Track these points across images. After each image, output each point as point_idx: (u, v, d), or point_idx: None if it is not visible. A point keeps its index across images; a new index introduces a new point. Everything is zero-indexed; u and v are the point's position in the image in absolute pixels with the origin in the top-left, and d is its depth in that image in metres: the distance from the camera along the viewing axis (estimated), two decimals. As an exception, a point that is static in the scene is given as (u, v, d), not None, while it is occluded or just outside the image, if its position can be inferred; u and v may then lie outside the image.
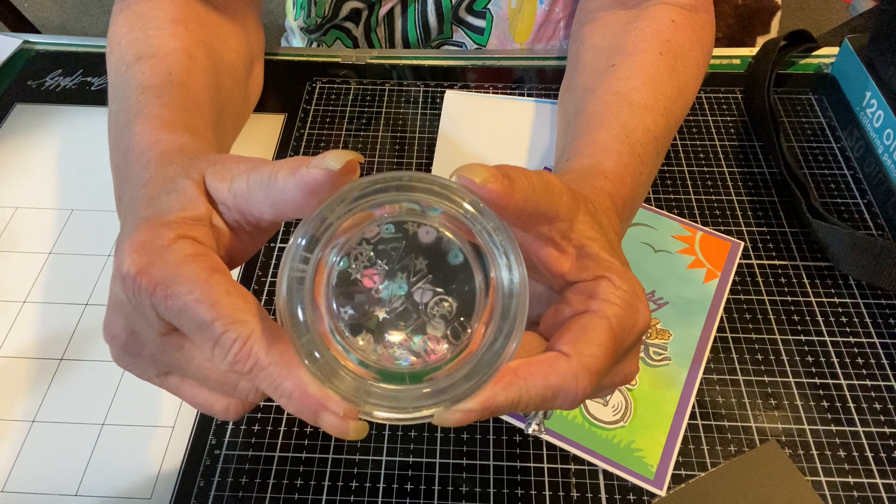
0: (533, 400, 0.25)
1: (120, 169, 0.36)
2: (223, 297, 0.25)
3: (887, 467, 0.40)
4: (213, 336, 0.25)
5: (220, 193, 0.28)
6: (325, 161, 0.25)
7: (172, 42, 0.42)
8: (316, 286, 0.25)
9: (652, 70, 0.44)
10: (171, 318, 0.25)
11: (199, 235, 0.27)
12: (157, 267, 0.25)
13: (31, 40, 0.67)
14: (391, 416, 0.25)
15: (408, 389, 0.25)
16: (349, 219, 0.25)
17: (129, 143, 0.35)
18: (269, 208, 0.27)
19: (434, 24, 0.69)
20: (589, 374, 0.26)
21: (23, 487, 0.40)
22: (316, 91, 0.62)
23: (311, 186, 0.25)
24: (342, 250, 0.26)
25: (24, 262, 0.50)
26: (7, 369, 0.45)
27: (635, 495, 0.39)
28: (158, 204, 0.28)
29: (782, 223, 0.53)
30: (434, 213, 0.26)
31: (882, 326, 0.47)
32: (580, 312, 0.28)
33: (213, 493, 0.40)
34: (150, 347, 0.28)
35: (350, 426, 0.25)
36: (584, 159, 0.38)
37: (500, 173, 0.26)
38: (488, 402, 0.25)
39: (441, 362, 0.26)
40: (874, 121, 0.56)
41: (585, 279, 0.28)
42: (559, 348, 0.27)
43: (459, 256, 0.26)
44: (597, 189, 0.35)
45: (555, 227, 0.28)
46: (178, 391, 0.30)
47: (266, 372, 0.25)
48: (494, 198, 0.25)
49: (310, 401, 0.25)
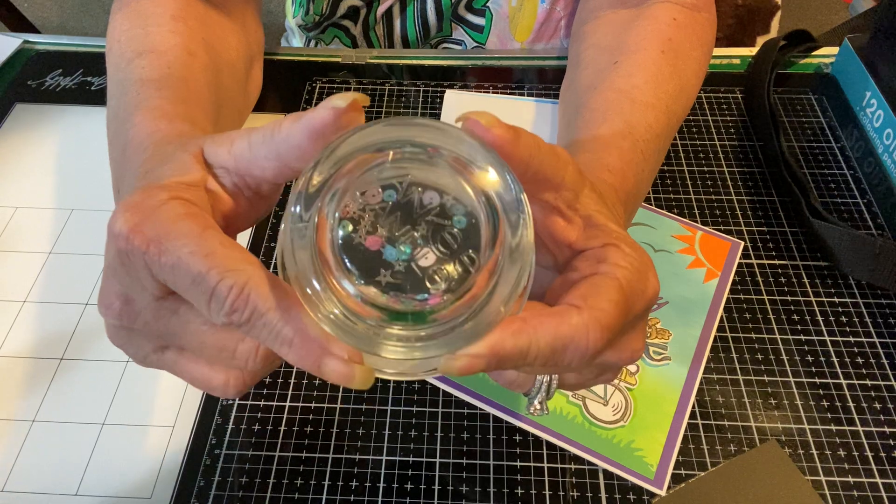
0: (542, 351, 0.24)
1: (119, 161, 0.36)
2: (217, 247, 0.24)
3: (887, 467, 0.40)
4: (209, 286, 0.24)
5: (220, 157, 0.28)
6: (331, 102, 0.25)
7: (172, 38, 0.42)
8: (319, 232, 0.24)
9: (654, 68, 0.44)
10: (166, 275, 0.25)
11: (193, 197, 0.26)
12: (149, 224, 0.25)
13: (31, 40, 0.67)
14: (396, 359, 0.24)
15: (411, 328, 0.24)
16: (352, 162, 0.25)
17: (128, 134, 0.35)
18: (273, 162, 0.26)
19: (433, 22, 0.69)
20: (600, 327, 0.25)
21: (23, 487, 0.40)
22: (316, 91, 0.62)
23: (317, 127, 0.25)
24: (345, 195, 0.25)
25: (24, 262, 0.50)
26: (7, 369, 0.45)
27: (635, 495, 0.39)
28: (153, 175, 0.28)
29: (782, 223, 0.53)
30: (440, 158, 0.25)
31: (882, 326, 0.47)
32: (589, 275, 0.27)
33: (213, 493, 0.40)
34: (144, 314, 0.27)
35: (356, 371, 0.24)
36: (587, 154, 0.38)
37: (507, 124, 0.26)
38: (496, 347, 0.24)
39: (445, 303, 0.24)
40: (874, 121, 0.56)
41: (594, 246, 0.28)
42: (570, 302, 0.26)
43: (466, 209, 0.25)
44: (600, 181, 0.35)
45: (560, 195, 0.28)
46: (175, 366, 0.29)
47: (265, 319, 0.24)
48: (500, 143, 0.25)
49: (311, 345, 0.24)
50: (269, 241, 0.52)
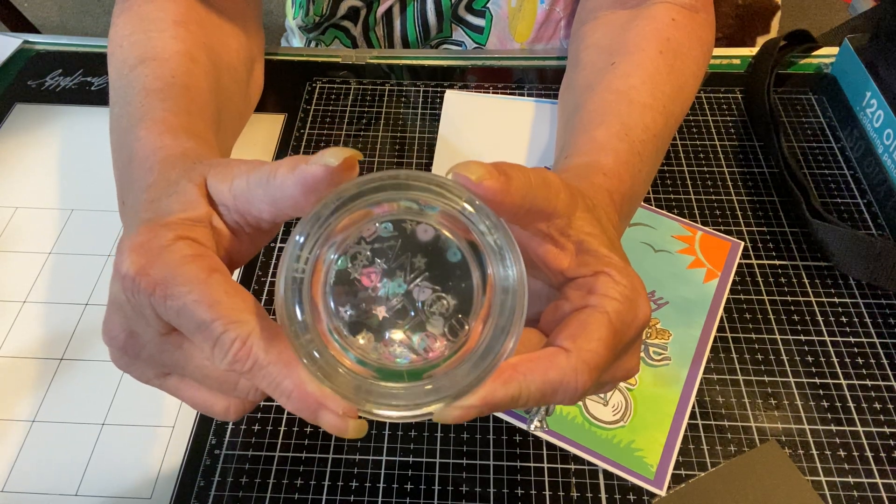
0: (533, 395, 0.25)
1: (123, 173, 0.36)
2: (222, 296, 0.25)
3: (887, 467, 0.40)
4: (213, 336, 0.25)
5: (221, 194, 0.28)
6: (323, 158, 0.25)
7: (174, 44, 0.42)
8: (314, 285, 0.25)
9: (651, 68, 0.44)
10: (170, 318, 0.25)
11: (199, 236, 0.27)
12: (155, 267, 0.25)
13: (31, 40, 0.67)
14: (391, 415, 0.25)
15: (407, 387, 0.25)
16: (346, 217, 0.25)
17: (132, 147, 0.35)
18: (269, 206, 0.27)
19: (433, 23, 0.69)
20: (589, 369, 0.26)
21: (23, 487, 0.40)
22: (316, 91, 0.62)
23: (310, 183, 0.25)
24: (340, 249, 0.26)
25: (24, 262, 0.50)
26: (7, 369, 0.45)
27: (635, 495, 0.39)
28: (159, 206, 0.29)
29: (782, 223, 0.53)
30: (432, 212, 0.26)
31: (882, 326, 0.47)
32: (580, 308, 0.28)
33: (213, 493, 0.40)
34: (149, 348, 0.28)
35: (349, 424, 0.25)
36: (583, 156, 0.39)
37: (497, 170, 0.26)
38: (488, 398, 0.25)
39: (439, 359, 0.26)
40: (874, 121, 0.56)
41: (585, 275, 0.28)
42: (559, 343, 0.26)
43: (457, 254, 0.26)
44: (595, 186, 0.35)
45: (553, 223, 0.28)
46: (177, 392, 0.30)
47: (265, 371, 0.25)
48: (491, 195, 0.25)
49: (309, 399, 0.25)
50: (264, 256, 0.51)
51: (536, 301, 0.31)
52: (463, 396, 0.25)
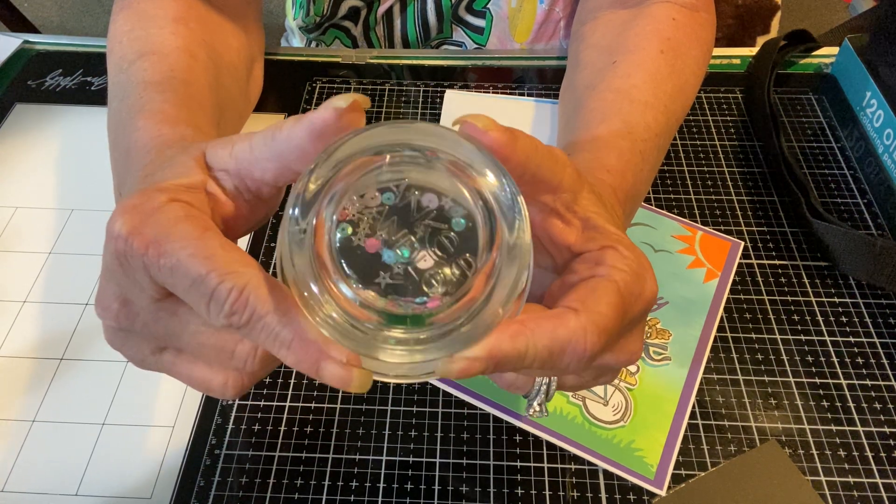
0: (540, 353, 0.25)
1: (121, 164, 0.36)
2: (217, 249, 0.24)
3: (887, 467, 0.40)
4: (208, 289, 0.24)
5: (221, 159, 0.28)
6: (331, 103, 0.25)
7: (174, 40, 0.42)
8: (318, 235, 0.24)
9: (652, 68, 0.44)
10: (165, 278, 0.25)
11: (193, 200, 0.26)
12: (148, 226, 0.25)
13: (31, 40, 0.67)
14: (394, 362, 0.24)
15: (410, 332, 0.24)
16: (350, 164, 0.25)
17: (131, 138, 0.35)
18: (273, 163, 0.26)
19: (433, 23, 0.69)
20: (598, 331, 0.25)
21: (23, 487, 0.40)
22: (316, 91, 0.62)
23: (318, 127, 0.25)
24: (344, 198, 0.25)
25: (24, 262, 0.50)
26: (7, 369, 0.45)
27: (635, 495, 0.39)
28: (153, 178, 0.28)
29: (782, 223, 0.53)
30: (438, 161, 0.25)
31: (882, 326, 0.47)
32: (587, 278, 0.27)
33: (213, 493, 0.40)
34: (142, 316, 0.27)
35: (354, 374, 0.24)
36: (586, 154, 0.38)
37: (504, 127, 0.25)
38: (494, 350, 0.24)
39: (442, 307, 0.25)
40: (874, 121, 0.56)
41: (591, 249, 0.28)
42: (567, 305, 0.26)
43: (464, 212, 0.25)
44: (599, 181, 0.35)
45: (559, 197, 0.28)
46: (173, 368, 0.29)
47: (264, 321, 0.24)
48: (496, 146, 0.25)
49: (310, 348, 0.24)
50: (269, 242, 0.51)
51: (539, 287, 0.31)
52: (468, 346, 0.24)
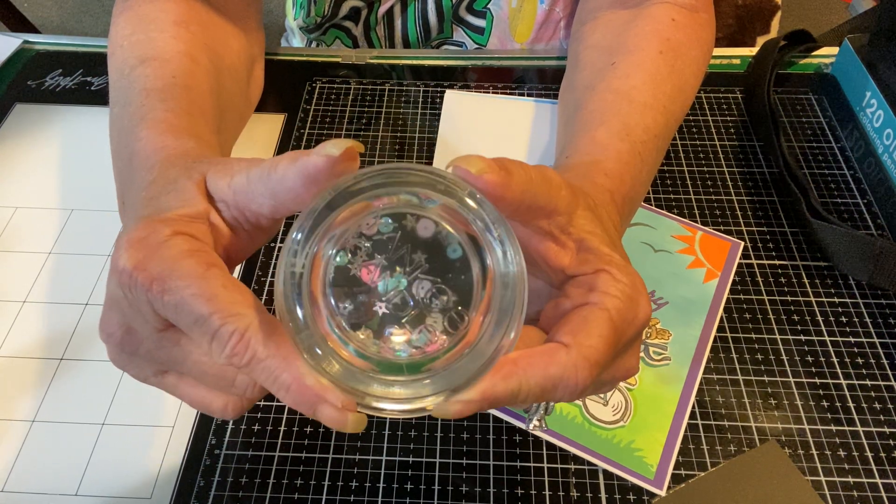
0: (532, 391, 0.25)
1: (124, 173, 0.36)
2: (220, 290, 0.25)
3: (887, 467, 0.40)
4: (211, 330, 0.24)
5: (221, 190, 0.28)
6: (325, 149, 0.25)
7: (175, 45, 0.42)
8: (314, 280, 0.25)
9: (652, 68, 0.44)
10: (168, 313, 0.25)
11: (196, 232, 0.27)
12: (153, 262, 0.25)
13: (31, 40, 0.67)
14: (389, 408, 0.25)
15: (406, 380, 0.25)
16: (346, 210, 0.25)
17: (133, 147, 0.35)
18: (269, 200, 0.27)
19: (434, 24, 0.69)
20: (589, 366, 0.26)
21: (23, 487, 0.40)
22: (316, 91, 0.62)
23: (311, 173, 0.25)
24: (339, 243, 0.25)
25: (24, 262, 0.50)
26: (7, 369, 0.45)
27: (635, 495, 0.39)
28: (157, 203, 0.28)
29: (782, 223, 0.53)
30: (432, 205, 0.26)
31: (882, 326, 0.47)
32: (580, 305, 0.27)
33: (213, 493, 0.40)
34: (146, 344, 0.28)
35: (348, 418, 0.25)
36: (584, 156, 0.38)
37: (497, 165, 0.26)
38: (487, 393, 0.25)
39: (439, 352, 0.25)
40: (874, 121, 0.56)
41: (585, 272, 0.28)
42: (559, 339, 0.26)
43: (458, 249, 0.26)
44: (597, 186, 0.35)
45: (553, 221, 0.28)
46: (175, 390, 0.30)
47: (264, 364, 0.25)
48: (491, 188, 0.25)
49: (308, 393, 0.24)
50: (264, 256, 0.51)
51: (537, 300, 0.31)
52: (462, 390, 0.24)
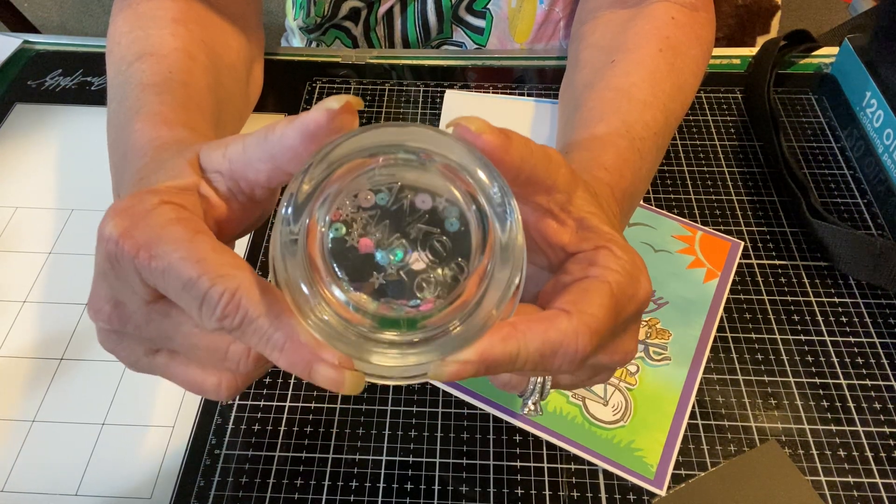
0: (531, 356, 0.25)
1: (119, 166, 0.36)
2: (209, 253, 0.24)
3: (887, 467, 0.40)
4: (200, 292, 0.24)
5: (215, 161, 0.28)
6: (324, 104, 0.25)
7: (173, 41, 0.42)
8: (311, 243, 0.24)
9: (651, 66, 0.44)
10: (156, 280, 0.25)
11: (185, 202, 0.26)
12: (139, 229, 0.25)
13: (31, 40, 0.67)
14: (386, 364, 0.24)
15: (403, 339, 0.24)
16: (344, 167, 0.25)
17: (128, 140, 0.35)
18: (266, 164, 0.26)
19: (434, 24, 0.69)
20: (590, 332, 0.25)
21: (23, 487, 0.40)
22: (316, 91, 0.62)
23: (311, 129, 0.25)
24: (337, 201, 0.25)
25: (24, 262, 0.50)
26: (7, 369, 0.45)
27: (635, 495, 0.39)
28: (147, 180, 0.28)
29: (782, 223, 0.53)
30: (431, 164, 0.25)
31: (882, 326, 0.47)
32: (580, 279, 0.27)
33: (213, 493, 0.40)
34: (135, 318, 0.27)
35: (346, 377, 0.24)
36: (584, 152, 0.38)
37: (498, 129, 0.25)
38: (485, 353, 0.24)
39: (434, 310, 0.25)
40: (874, 121, 0.56)
41: (585, 249, 0.28)
42: (559, 307, 0.26)
43: (457, 213, 0.25)
44: (596, 180, 0.35)
45: (553, 198, 0.28)
46: (166, 370, 0.29)
47: (256, 324, 0.24)
48: (490, 149, 0.25)
49: (303, 351, 0.24)
50: (268, 241, 0.51)
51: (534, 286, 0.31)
52: (459, 350, 0.24)
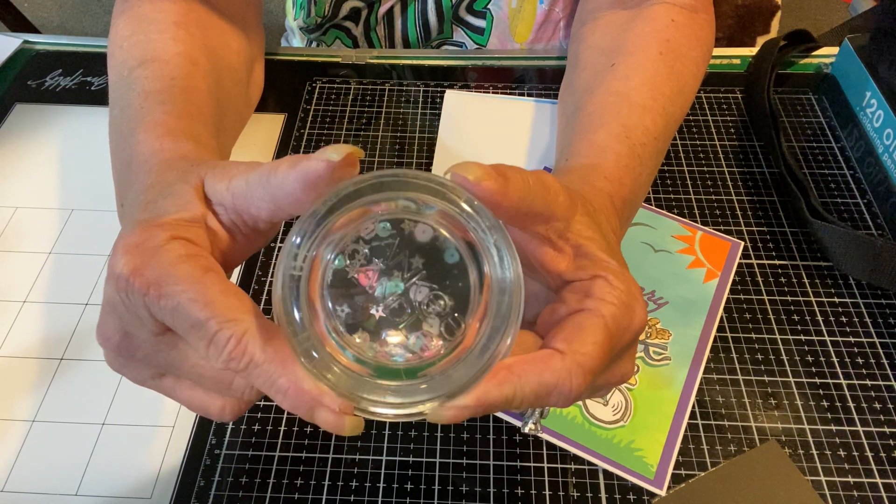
0: (527, 397, 0.25)
1: (122, 175, 0.36)
2: (217, 295, 0.25)
3: (887, 467, 0.40)
4: (208, 335, 0.25)
5: (219, 194, 0.28)
6: (325, 154, 0.25)
7: (174, 46, 0.42)
8: (312, 284, 0.25)
9: (651, 70, 0.44)
10: (165, 317, 0.25)
11: (193, 236, 0.27)
12: (149, 267, 0.25)
13: (31, 40, 0.67)
14: (386, 412, 0.25)
15: (403, 385, 0.25)
16: (345, 215, 0.25)
17: (132, 150, 0.35)
18: (268, 204, 0.27)
19: (434, 24, 0.69)
20: (583, 373, 0.26)
21: (23, 487, 0.40)
22: (316, 91, 0.62)
23: (311, 178, 0.25)
24: (337, 247, 0.26)
25: (24, 262, 0.50)
26: (7, 369, 0.45)
27: (635, 495, 0.39)
28: (155, 208, 0.29)
29: (782, 223, 0.53)
30: (430, 211, 0.26)
31: (882, 326, 0.47)
32: (576, 311, 0.28)
33: (213, 493, 0.40)
34: (143, 348, 0.28)
35: (346, 421, 0.25)
36: (584, 159, 0.39)
37: (495, 171, 0.26)
38: (482, 399, 0.25)
39: (435, 358, 0.26)
40: (874, 121, 0.56)
41: (582, 278, 0.28)
42: (554, 346, 0.27)
43: (455, 254, 0.26)
44: (596, 190, 0.35)
45: (551, 226, 0.28)
46: (173, 393, 0.30)
47: (261, 369, 0.25)
48: (489, 195, 0.25)
49: (305, 396, 0.25)
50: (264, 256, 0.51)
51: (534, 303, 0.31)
52: (457, 396, 0.25)
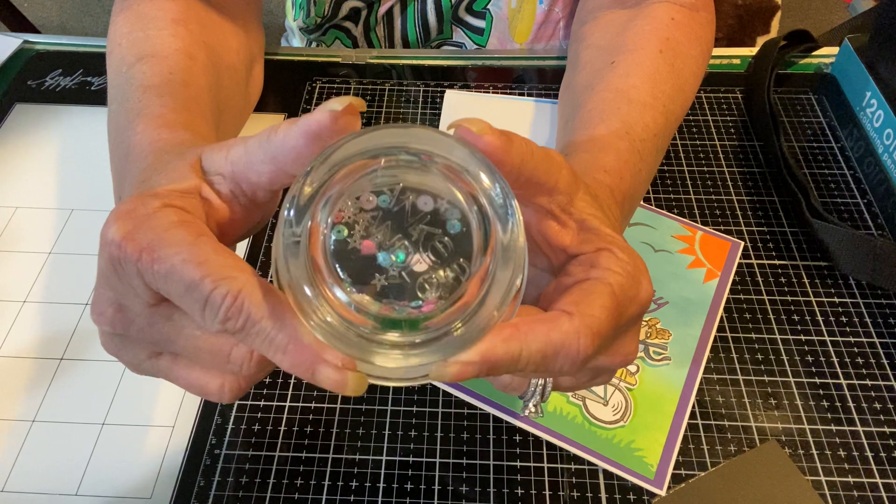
0: (533, 357, 0.25)
1: (120, 168, 0.36)
2: (210, 254, 0.24)
3: (887, 467, 0.40)
4: (203, 294, 0.24)
5: (217, 163, 0.28)
6: (327, 105, 0.25)
7: (173, 42, 0.42)
8: (313, 243, 0.24)
9: (651, 68, 0.44)
10: (159, 283, 0.25)
11: (186, 205, 0.26)
12: (142, 232, 0.25)
13: (31, 40, 0.67)
14: (388, 367, 0.24)
15: (405, 340, 0.24)
16: (345, 168, 0.25)
17: (130, 142, 0.35)
18: (268, 165, 0.26)
19: (433, 24, 0.69)
20: (591, 334, 0.25)
21: (23, 487, 0.40)
22: (316, 91, 0.63)
23: (314, 130, 0.25)
24: (339, 203, 0.25)
25: (24, 262, 0.50)
26: (7, 369, 0.45)
27: (635, 495, 0.39)
28: (149, 183, 0.28)
29: (782, 223, 0.53)
30: (433, 165, 0.25)
31: (882, 326, 0.47)
32: (582, 280, 0.27)
33: (213, 493, 0.40)
34: (138, 322, 0.27)
35: (348, 378, 0.24)
36: (584, 154, 0.38)
37: (499, 130, 0.26)
38: (487, 354, 0.24)
39: (435, 311, 0.25)
40: (874, 121, 0.56)
41: (587, 251, 0.28)
42: (561, 308, 0.26)
43: (458, 215, 0.25)
44: (596, 182, 0.35)
45: (554, 199, 0.28)
46: (170, 373, 0.29)
47: (259, 326, 0.24)
48: (491, 150, 0.25)
49: (305, 352, 0.24)
50: (269, 241, 0.52)
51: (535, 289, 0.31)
52: (462, 351, 0.24)
